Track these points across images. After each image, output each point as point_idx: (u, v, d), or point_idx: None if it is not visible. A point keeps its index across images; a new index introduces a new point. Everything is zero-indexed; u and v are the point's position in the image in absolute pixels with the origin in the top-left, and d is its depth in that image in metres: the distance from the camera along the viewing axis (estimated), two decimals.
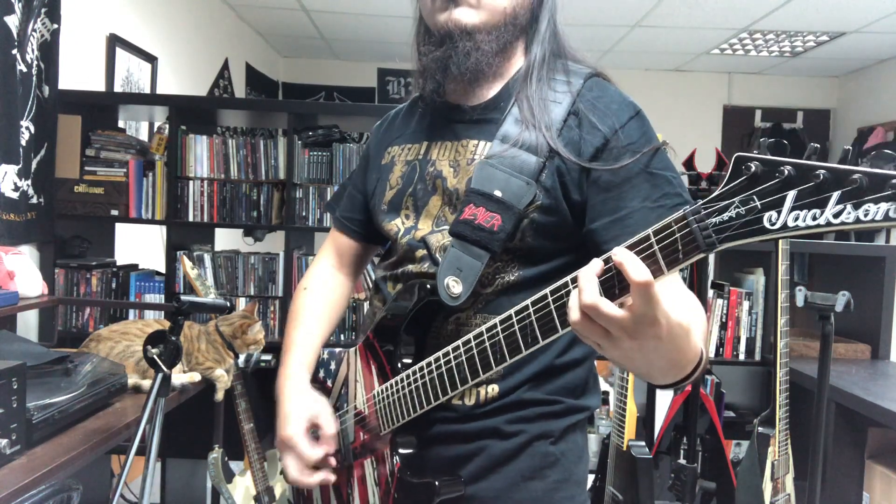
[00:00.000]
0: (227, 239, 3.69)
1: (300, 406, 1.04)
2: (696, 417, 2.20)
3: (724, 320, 2.72)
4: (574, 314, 0.66)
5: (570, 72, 1.00)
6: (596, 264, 0.68)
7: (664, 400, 2.44)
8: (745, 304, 2.72)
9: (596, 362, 1.08)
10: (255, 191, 2.80)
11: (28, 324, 2.62)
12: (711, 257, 3.00)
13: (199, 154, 2.79)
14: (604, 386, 3.10)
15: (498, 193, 0.93)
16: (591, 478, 2.34)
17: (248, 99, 5.35)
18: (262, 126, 5.33)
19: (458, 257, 0.94)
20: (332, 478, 1.04)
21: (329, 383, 1.14)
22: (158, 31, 3.89)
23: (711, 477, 2.25)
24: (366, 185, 1.17)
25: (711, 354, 2.72)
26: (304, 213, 2.80)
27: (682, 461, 2.17)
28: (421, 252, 1.02)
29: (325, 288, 1.21)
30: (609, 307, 0.64)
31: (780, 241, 2.09)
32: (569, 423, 1.01)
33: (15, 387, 1.43)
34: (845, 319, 2.76)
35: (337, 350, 1.15)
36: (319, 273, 1.23)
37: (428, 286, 0.96)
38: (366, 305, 1.91)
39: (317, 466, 1.03)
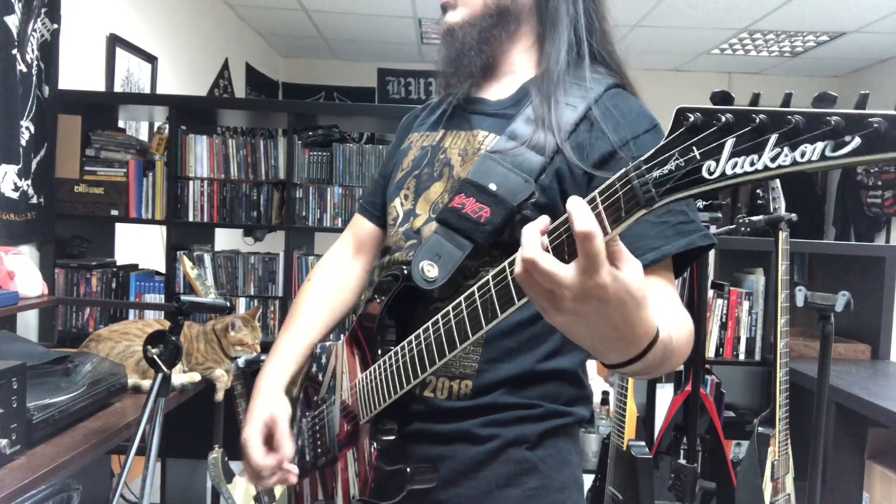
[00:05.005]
0: (227, 239, 3.70)
1: (261, 409, 1.05)
2: (696, 417, 2.20)
3: (724, 320, 2.72)
4: (517, 268, 0.64)
5: (592, 78, 0.99)
6: (544, 219, 0.66)
7: (664, 400, 2.44)
8: (745, 304, 2.72)
9: (596, 364, 1.06)
10: (255, 191, 2.80)
11: (28, 324, 2.62)
12: (711, 257, 3.00)
13: (199, 154, 2.79)
14: (604, 386, 3.10)
15: (492, 187, 0.92)
16: (591, 478, 2.34)
17: (248, 99, 5.36)
18: (262, 126, 5.33)
19: (440, 243, 0.93)
20: (291, 478, 1.05)
21: (321, 378, 1.14)
22: (158, 31, 3.89)
23: (711, 477, 2.25)
24: (386, 170, 1.19)
25: (711, 354, 2.72)
26: (304, 213, 2.80)
27: (682, 461, 2.17)
28: (412, 241, 1.02)
29: (330, 279, 1.21)
30: (548, 261, 0.61)
31: (780, 240, 2.09)
32: (547, 427, 0.97)
33: (15, 387, 1.43)
34: (845, 319, 2.77)
35: (328, 344, 1.15)
36: (329, 263, 1.23)
37: (406, 271, 0.96)
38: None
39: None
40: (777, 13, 4.60)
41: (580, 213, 0.59)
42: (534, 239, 0.63)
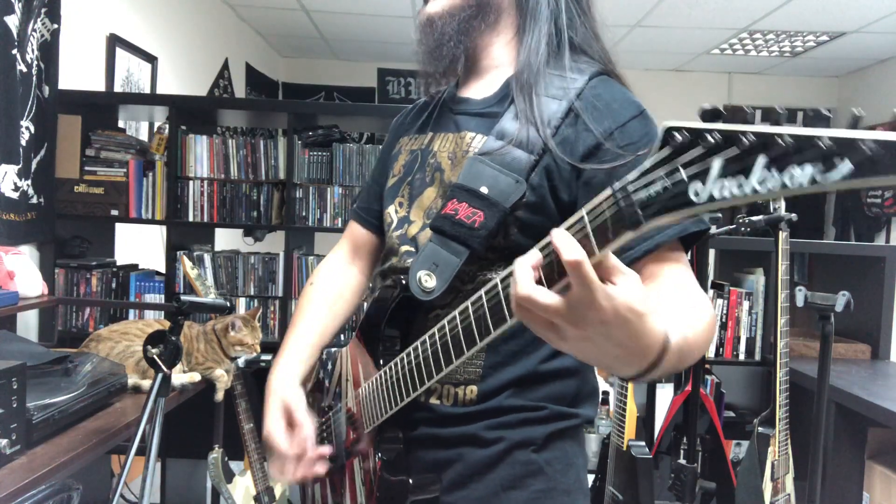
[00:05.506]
0: (227, 239, 3.70)
1: (276, 401, 1.05)
2: (696, 417, 2.19)
3: (724, 320, 2.72)
4: (513, 305, 0.63)
5: (575, 68, 0.97)
6: (534, 254, 0.65)
7: (664, 400, 2.44)
8: (745, 304, 2.72)
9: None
10: (255, 191, 2.80)
11: (28, 324, 2.62)
12: (711, 257, 3.00)
13: (199, 154, 2.79)
14: (604, 386, 3.10)
15: (484, 190, 0.91)
16: (591, 478, 2.34)
17: (248, 99, 5.35)
18: (262, 126, 5.33)
19: (436, 252, 0.92)
20: (318, 472, 1.03)
21: (327, 384, 1.14)
22: (158, 31, 3.89)
23: (711, 477, 2.25)
24: (380, 176, 1.18)
25: (711, 354, 2.72)
26: (303, 213, 2.80)
27: (682, 461, 2.17)
28: (406, 247, 1.01)
29: (332, 282, 1.20)
30: (543, 296, 0.60)
31: (780, 240, 2.09)
32: (553, 429, 0.97)
33: (15, 387, 1.43)
34: (845, 319, 2.77)
35: (333, 350, 1.15)
36: (329, 266, 1.23)
37: (403, 281, 0.95)
38: (366, 305, 1.91)
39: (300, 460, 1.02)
40: (777, 13, 4.60)
41: (566, 243, 0.58)
42: (527, 276, 0.62)
